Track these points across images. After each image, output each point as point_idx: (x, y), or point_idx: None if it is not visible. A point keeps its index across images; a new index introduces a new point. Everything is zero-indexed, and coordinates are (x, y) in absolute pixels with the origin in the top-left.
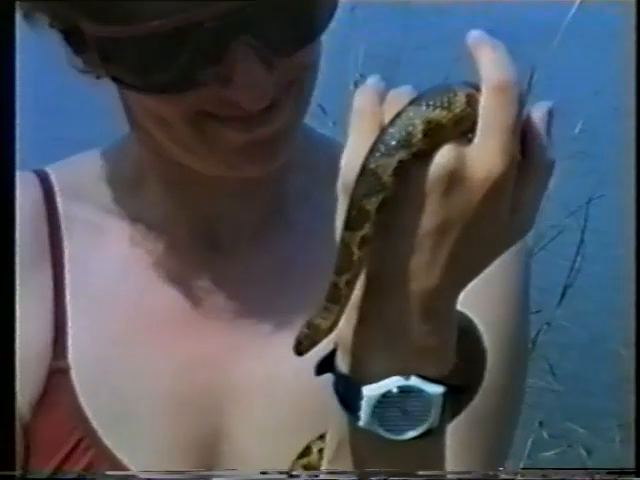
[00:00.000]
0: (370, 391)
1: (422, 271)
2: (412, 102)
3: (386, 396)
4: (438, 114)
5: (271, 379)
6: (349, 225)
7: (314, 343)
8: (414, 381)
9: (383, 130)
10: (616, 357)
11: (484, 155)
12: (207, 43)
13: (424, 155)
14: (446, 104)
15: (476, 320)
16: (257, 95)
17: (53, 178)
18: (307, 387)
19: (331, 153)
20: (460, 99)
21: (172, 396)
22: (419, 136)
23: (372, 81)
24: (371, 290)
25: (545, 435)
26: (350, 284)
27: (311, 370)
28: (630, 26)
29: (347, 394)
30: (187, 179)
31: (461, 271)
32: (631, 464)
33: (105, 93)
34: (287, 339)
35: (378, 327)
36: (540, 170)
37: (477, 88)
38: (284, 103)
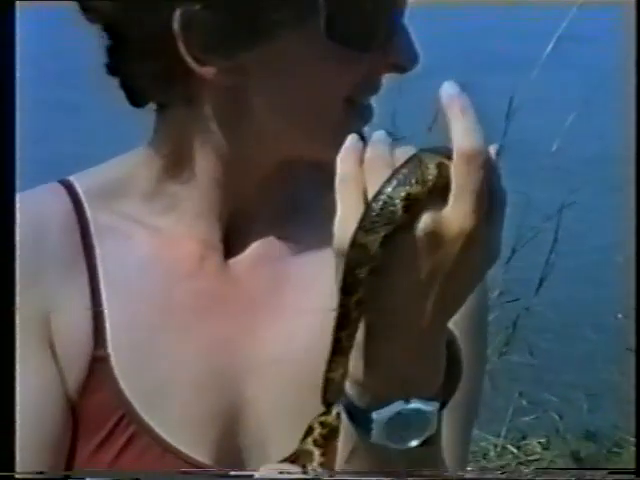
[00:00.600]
0: (379, 415)
1: (414, 315)
2: (390, 178)
3: (392, 418)
4: (414, 190)
5: (284, 356)
6: (345, 289)
7: (336, 393)
8: (414, 404)
9: (368, 206)
10: (585, 339)
11: (457, 215)
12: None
13: (406, 226)
14: (420, 179)
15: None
16: (413, 56)
17: (78, 187)
18: (316, 362)
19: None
20: (432, 171)
21: (199, 374)
22: (400, 212)
23: (351, 142)
24: (373, 335)
25: (524, 403)
26: (350, 337)
27: (319, 347)
28: (606, 52)
29: (358, 418)
30: (229, 177)
31: (447, 308)
32: (596, 429)
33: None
34: (297, 320)
35: (380, 364)
36: (497, 207)
37: (448, 153)
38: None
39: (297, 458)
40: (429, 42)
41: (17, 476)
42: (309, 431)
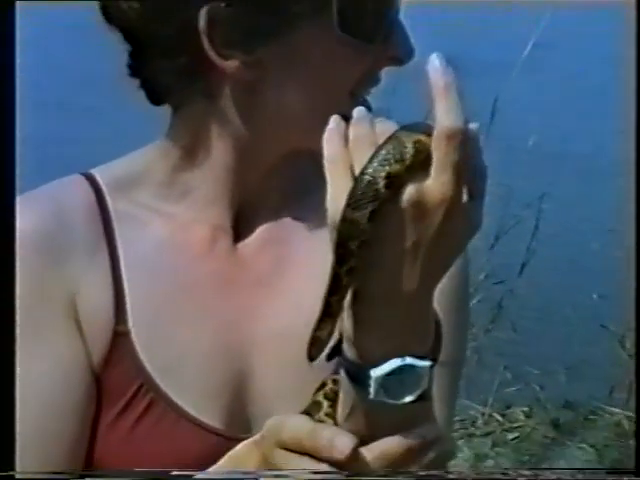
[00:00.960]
0: (376, 372)
1: (404, 281)
2: (372, 158)
3: (389, 374)
4: (394, 168)
5: (287, 330)
6: (338, 260)
7: (320, 350)
8: (409, 360)
9: (354, 186)
10: (564, 317)
11: (438, 187)
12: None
13: (390, 201)
14: (399, 157)
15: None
16: (409, 50)
17: (99, 179)
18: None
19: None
20: (409, 150)
21: (210, 347)
22: (383, 190)
23: (334, 123)
24: (367, 301)
25: (508, 376)
26: (340, 302)
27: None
28: (573, 57)
29: (357, 376)
30: (241, 166)
31: (433, 274)
32: (573, 399)
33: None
34: (298, 298)
35: (375, 327)
36: (477, 180)
37: (427, 130)
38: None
39: (307, 409)
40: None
41: (17, 476)
42: (321, 386)
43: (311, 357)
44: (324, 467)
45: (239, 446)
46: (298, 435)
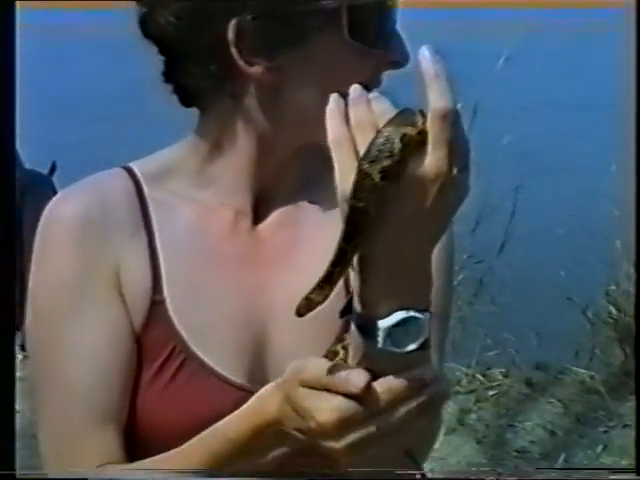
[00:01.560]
0: (384, 324)
1: (407, 244)
2: (365, 157)
3: (395, 325)
4: (386, 164)
5: (298, 293)
6: (345, 237)
7: (309, 309)
8: (412, 313)
9: (355, 182)
10: (536, 291)
11: (434, 162)
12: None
13: (390, 187)
14: (388, 152)
15: None
16: (407, 55)
17: (137, 171)
18: (334, 298)
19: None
20: (397, 145)
21: (234, 313)
22: (380, 182)
23: (334, 102)
24: (374, 261)
25: (488, 342)
26: (341, 273)
27: (338, 287)
28: (538, 70)
29: (366, 328)
30: (260, 157)
31: (431, 236)
32: (544, 361)
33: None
34: (309, 271)
35: (382, 284)
36: (464, 155)
37: (411, 118)
38: None
39: (324, 355)
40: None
41: (17, 476)
42: (339, 340)
43: (299, 314)
44: (340, 400)
45: (262, 389)
46: (318, 373)
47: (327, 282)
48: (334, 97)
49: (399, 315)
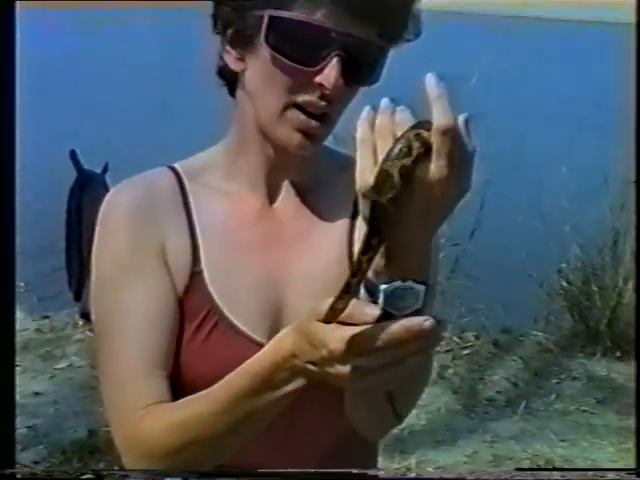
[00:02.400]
0: (385, 288)
1: (416, 229)
2: (387, 158)
3: (394, 291)
4: (405, 162)
5: (311, 272)
6: (370, 233)
7: (335, 316)
8: (409, 283)
9: (377, 180)
10: (501, 268)
11: (437, 169)
12: (329, 46)
13: (406, 186)
14: (406, 151)
15: None
16: (332, 88)
17: (179, 169)
18: (330, 275)
19: (338, 159)
20: (414, 144)
21: (258, 283)
22: (398, 180)
23: (366, 112)
24: (388, 242)
25: (463, 310)
26: (358, 284)
27: (332, 266)
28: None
29: (371, 290)
30: (278, 157)
31: (432, 226)
32: (509, 326)
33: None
34: (320, 250)
35: (391, 260)
36: (466, 164)
37: (426, 125)
38: (328, 117)
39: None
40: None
41: (18, 475)
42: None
43: (328, 322)
44: (350, 330)
45: (280, 332)
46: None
47: (346, 292)
48: (367, 108)
49: (398, 283)
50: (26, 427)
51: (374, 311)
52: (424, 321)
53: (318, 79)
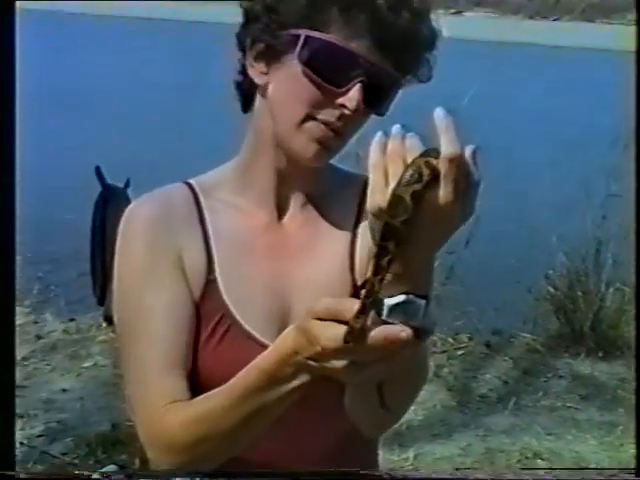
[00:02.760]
0: (389, 301)
1: (422, 248)
2: (399, 182)
3: (397, 304)
4: (416, 187)
5: (316, 280)
6: (378, 254)
7: (354, 337)
8: (412, 298)
9: (391, 203)
10: (493, 275)
11: (444, 194)
12: (356, 71)
13: (416, 209)
14: (417, 177)
15: None
16: (352, 109)
17: (194, 184)
18: (332, 282)
19: (340, 175)
20: (425, 171)
21: (266, 291)
22: (410, 204)
23: (378, 137)
24: (396, 261)
25: (457, 313)
26: (372, 304)
27: (334, 274)
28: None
29: (376, 303)
30: (284, 170)
31: (439, 244)
32: (500, 327)
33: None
34: (323, 259)
35: (396, 275)
36: (471, 191)
37: (433, 153)
38: (347, 132)
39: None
40: None
41: (18, 475)
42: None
43: (347, 341)
44: (342, 329)
45: (285, 331)
46: (328, 305)
47: (362, 312)
48: (379, 133)
49: (401, 297)
50: (55, 421)
51: (356, 305)
52: (400, 331)
53: (341, 100)
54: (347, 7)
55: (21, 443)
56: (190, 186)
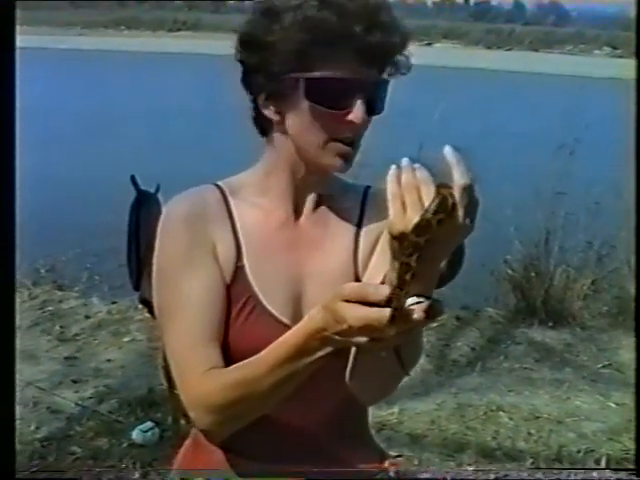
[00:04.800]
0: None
1: (434, 258)
2: (427, 210)
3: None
4: (442, 216)
5: (328, 271)
6: (403, 271)
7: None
8: (422, 299)
9: (418, 226)
10: (475, 263)
11: (459, 217)
12: (354, 91)
13: (439, 225)
14: (444, 207)
15: None
16: (360, 124)
17: (223, 186)
18: (342, 271)
19: (342, 183)
20: (449, 201)
21: (286, 277)
22: (436, 227)
23: (393, 169)
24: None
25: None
26: (406, 295)
27: (343, 267)
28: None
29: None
30: (301, 178)
31: (444, 257)
32: (468, 303)
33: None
34: (333, 252)
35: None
36: (475, 210)
37: (447, 184)
38: (357, 142)
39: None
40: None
41: (17, 476)
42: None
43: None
44: (367, 310)
45: (312, 310)
46: (355, 288)
47: (392, 322)
48: (393, 166)
49: (414, 299)
50: (102, 386)
51: (384, 291)
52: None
53: (349, 117)
54: (331, 43)
55: (76, 404)
56: (219, 187)
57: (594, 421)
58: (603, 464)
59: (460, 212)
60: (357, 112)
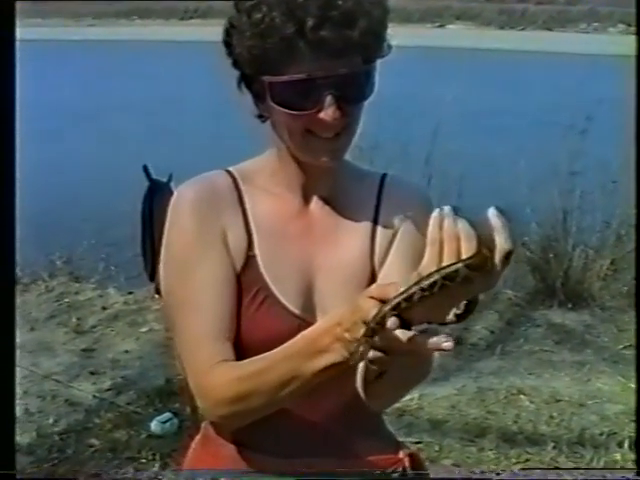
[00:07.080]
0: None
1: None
2: (470, 266)
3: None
4: (473, 273)
5: (338, 262)
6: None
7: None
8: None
9: (476, 264)
10: None
11: (496, 273)
12: (320, 89)
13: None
14: (472, 263)
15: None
16: (334, 121)
17: (234, 172)
18: (355, 262)
19: (357, 171)
20: (485, 261)
21: (297, 267)
22: (458, 280)
23: (435, 214)
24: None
25: None
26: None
27: (353, 260)
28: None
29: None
30: (303, 168)
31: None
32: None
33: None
34: (343, 245)
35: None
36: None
37: (489, 240)
38: (344, 134)
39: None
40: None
41: (17, 476)
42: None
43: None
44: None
45: (329, 314)
46: (383, 289)
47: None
48: (436, 210)
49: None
50: (120, 377)
51: (396, 322)
52: (445, 341)
53: (320, 116)
54: (287, 44)
55: (94, 396)
56: (230, 173)
57: (616, 403)
58: (626, 447)
59: (499, 269)
60: (328, 110)
